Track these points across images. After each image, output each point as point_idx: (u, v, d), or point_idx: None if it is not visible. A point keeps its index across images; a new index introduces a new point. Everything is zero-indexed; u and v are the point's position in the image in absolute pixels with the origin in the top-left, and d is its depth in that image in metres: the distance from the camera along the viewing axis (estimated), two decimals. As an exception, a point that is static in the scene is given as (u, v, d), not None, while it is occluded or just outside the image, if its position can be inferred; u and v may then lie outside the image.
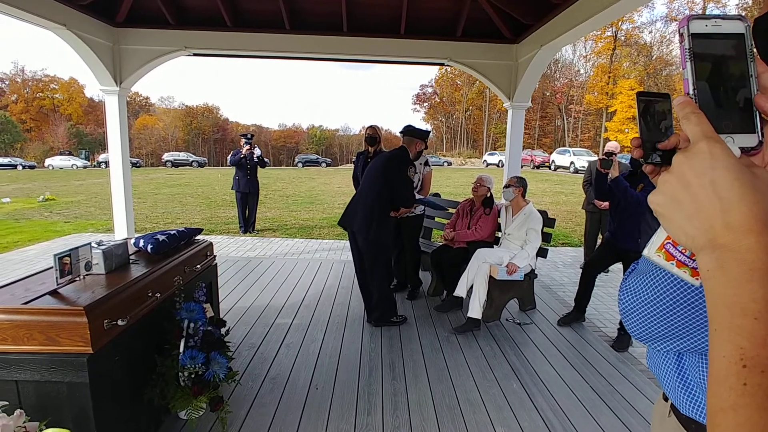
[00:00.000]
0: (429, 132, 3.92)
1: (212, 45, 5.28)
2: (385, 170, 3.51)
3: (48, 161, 35.88)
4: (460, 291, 3.67)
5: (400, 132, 3.80)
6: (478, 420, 2.41)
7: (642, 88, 39.74)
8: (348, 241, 3.74)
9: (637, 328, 0.67)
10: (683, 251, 0.52)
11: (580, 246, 6.90)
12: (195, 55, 5.44)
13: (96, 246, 2.04)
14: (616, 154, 5.25)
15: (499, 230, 4.16)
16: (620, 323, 3.43)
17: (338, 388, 2.69)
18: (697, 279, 0.51)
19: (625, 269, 3.51)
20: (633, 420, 2.43)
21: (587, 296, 3.74)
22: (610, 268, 5.31)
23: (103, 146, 42.57)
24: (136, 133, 52.73)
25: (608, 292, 4.70)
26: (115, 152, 5.32)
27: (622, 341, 3.35)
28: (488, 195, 4.08)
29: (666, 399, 0.82)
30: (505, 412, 2.48)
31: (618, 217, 3.46)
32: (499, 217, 4.07)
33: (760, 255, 0.35)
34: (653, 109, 0.49)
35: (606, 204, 4.34)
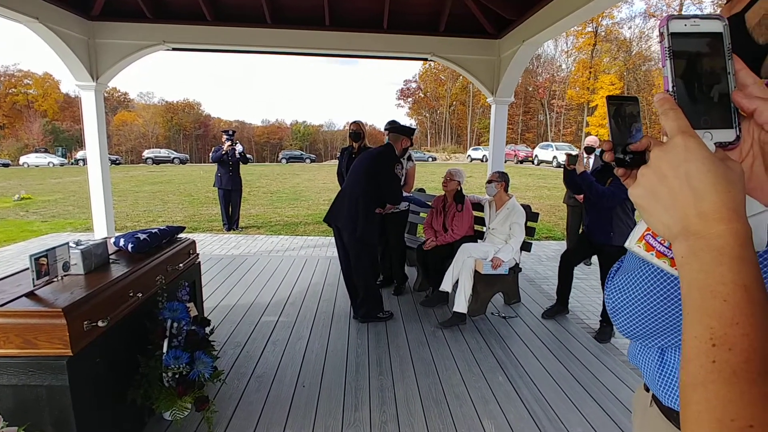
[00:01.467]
0: (415, 129, 3.92)
1: (192, 39, 5.17)
2: (373, 168, 3.50)
3: (23, 159, 34.80)
4: (446, 286, 3.69)
5: (385, 128, 3.79)
6: (465, 413, 2.43)
7: (622, 83, 40.48)
8: (333, 238, 3.73)
9: (627, 326, 0.68)
10: (662, 242, 0.53)
11: (563, 239, 7.00)
12: (174, 49, 5.33)
13: (74, 246, 1.99)
14: (595, 149, 5.36)
15: (480, 224, 4.19)
16: (602, 315, 3.49)
17: (325, 385, 2.69)
18: (675, 269, 0.52)
19: (600, 263, 3.57)
20: (615, 409, 2.48)
21: (568, 288, 3.80)
22: (592, 261, 5.41)
23: (80, 143, 41.54)
24: (115, 130, 51.53)
25: (591, 284, 4.79)
26: (92, 149, 5.18)
27: (604, 332, 3.41)
28: (459, 189, 4.04)
29: (647, 389, 0.84)
30: (491, 405, 2.51)
31: (590, 211, 3.52)
32: (479, 210, 4.09)
33: (729, 241, 0.37)
34: (623, 111, 0.51)
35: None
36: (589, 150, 5.43)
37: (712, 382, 0.34)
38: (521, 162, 30.14)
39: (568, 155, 3.45)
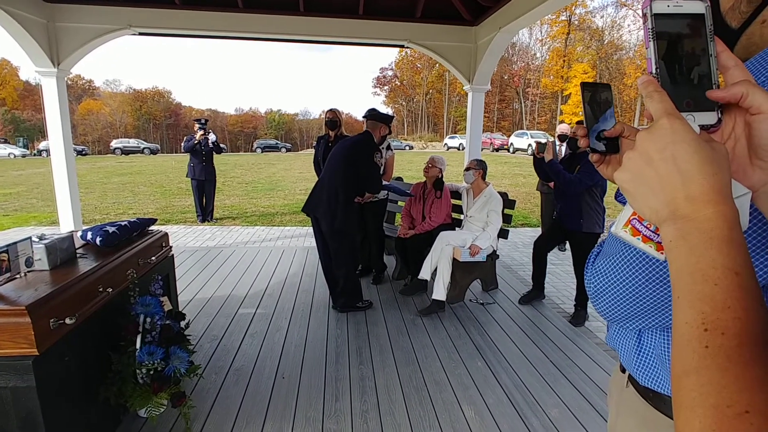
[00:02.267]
0: (393, 117, 3.89)
1: (159, 23, 4.97)
2: (351, 156, 3.46)
3: (-19, 150, 33.12)
4: (425, 274, 3.71)
5: (364, 116, 3.75)
6: (445, 399, 2.45)
7: (595, 72, 41.23)
8: (311, 228, 3.69)
9: (609, 310, 0.68)
10: (648, 226, 0.53)
11: (538, 226, 7.13)
12: (141, 34, 5.12)
13: (37, 240, 1.90)
14: (568, 136, 5.45)
15: (458, 212, 4.22)
16: (576, 299, 3.57)
17: (305, 376, 2.67)
18: (661, 253, 0.52)
19: (572, 248, 3.64)
20: (590, 390, 2.55)
21: (542, 274, 3.87)
22: (567, 246, 5.52)
23: (43, 133, 39.75)
24: (80, 119, 49.55)
25: (566, 270, 4.89)
26: (56, 139, 4.96)
27: (579, 316, 3.50)
28: (439, 176, 4.06)
29: (623, 371, 0.85)
30: (471, 391, 2.54)
31: (560, 198, 3.59)
32: (457, 198, 4.11)
33: (718, 223, 0.36)
34: (598, 98, 0.51)
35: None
36: (563, 138, 5.51)
37: (705, 368, 0.33)
38: (497, 150, 30.46)
39: (538, 143, 3.49)
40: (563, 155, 4.86)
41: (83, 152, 33.00)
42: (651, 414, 0.75)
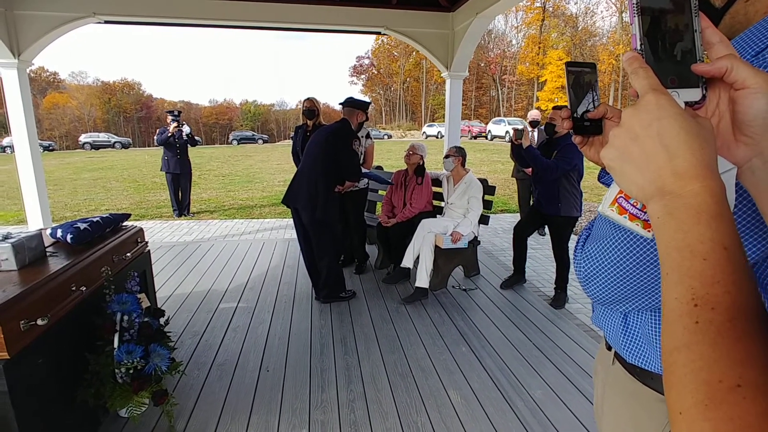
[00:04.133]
0: (369, 103, 3.85)
1: (125, 11, 4.78)
2: (329, 145, 3.41)
3: (-61, 147, 31.54)
4: (407, 262, 3.72)
5: (340, 103, 3.70)
6: (431, 385, 2.47)
7: (569, 59, 41.67)
8: (291, 219, 3.64)
9: (600, 293, 0.68)
10: (635, 204, 0.53)
11: (517, 212, 7.22)
12: (107, 22, 4.91)
13: (2, 239, 1.81)
14: (539, 122, 5.51)
15: (438, 199, 4.23)
16: (556, 282, 3.63)
17: (290, 368, 2.65)
18: (649, 231, 0.52)
19: (551, 232, 3.70)
20: (572, 370, 2.61)
21: (523, 258, 3.92)
22: (546, 231, 5.62)
23: (6, 129, 38.11)
24: (46, 113, 47.68)
25: (545, 254, 4.97)
26: (20, 135, 4.74)
27: (559, 299, 3.56)
28: (420, 163, 4.07)
29: (609, 348, 0.86)
30: (456, 376, 2.57)
31: (538, 184, 3.63)
32: (438, 186, 4.12)
33: (705, 198, 0.36)
34: (582, 80, 0.51)
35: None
36: (534, 124, 5.57)
37: (696, 344, 0.33)
38: (475, 138, 30.62)
39: (515, 130, 3.51)
40: (537, 141, 4.91)
41: (50, 148, 31.75)
42: (639, 389, 0.76)
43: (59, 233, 2.17)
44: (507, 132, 26.39)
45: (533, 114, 5.50)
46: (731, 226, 0.36)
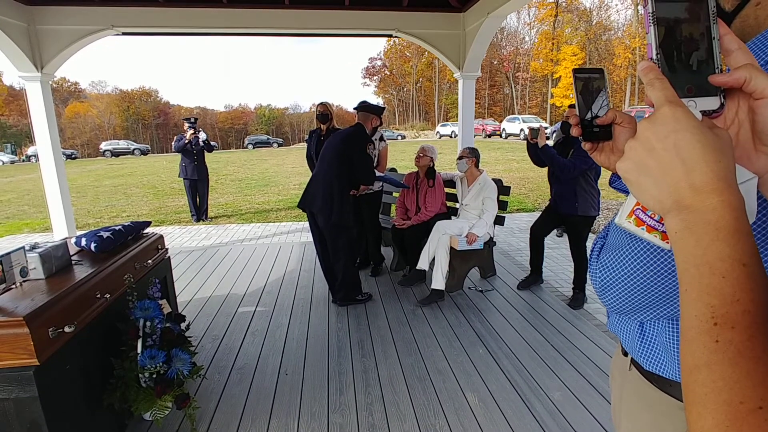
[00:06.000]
0: (384, 108, 3.86)
1: (143, 22, 4.89)
2: (345, 149, 3.44)
3: (-32, 158, 32.64)
4: (423, 264, 3.72)
5: (355, 108, 3.72)
6: (449, 388, 2.47)
7: (584, 54, 41.07)
8: (307, 223, 3.68)
9: (616, 303, 0.67)
10: (652, 216, 0.52)
11: (534, 211, 7.15)
12: (125, 34, 5.04)
13: (30, 249, 1.88)
14: (537, 129, 5.41)
15: (453, 201, 4.21)
16: (574, 282, 3.59)
17: (308, 371, 2.68)
18: (667, 243, 0.52)
19: (568, 232, 3.66)
20: (591, 372, 2.58)
21: (540, 258, 3.89)
22: (564, 231, 5.55)
23: (30, 138, 39.21)
24: (68, 122, 48.94)
25: (562, 253, 4.92)
26: (44, 144, 4.89)
27: (577, 299, 3.52)
28: (431, 165, 4.05)
29: (625, 354, 0.85)
30: (474, 378, 2.56)
31: (554, 183, 3.59)
32: (451, 187, 4.10)
33: (723, 214, 0.36)
34: (590, 86, 0.51)
35: None
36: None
37: (716, 363, 0.33)
38: (489, 136, 30.38)
39: (531, 129, 3.48)
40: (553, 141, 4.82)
41: (73, 156, 32.67)
42: (659, 397, 0.75)
43: (83, 242, 2.24)
44: (522, 130, 26.12)
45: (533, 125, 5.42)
46: (750, 241, 0.35)
